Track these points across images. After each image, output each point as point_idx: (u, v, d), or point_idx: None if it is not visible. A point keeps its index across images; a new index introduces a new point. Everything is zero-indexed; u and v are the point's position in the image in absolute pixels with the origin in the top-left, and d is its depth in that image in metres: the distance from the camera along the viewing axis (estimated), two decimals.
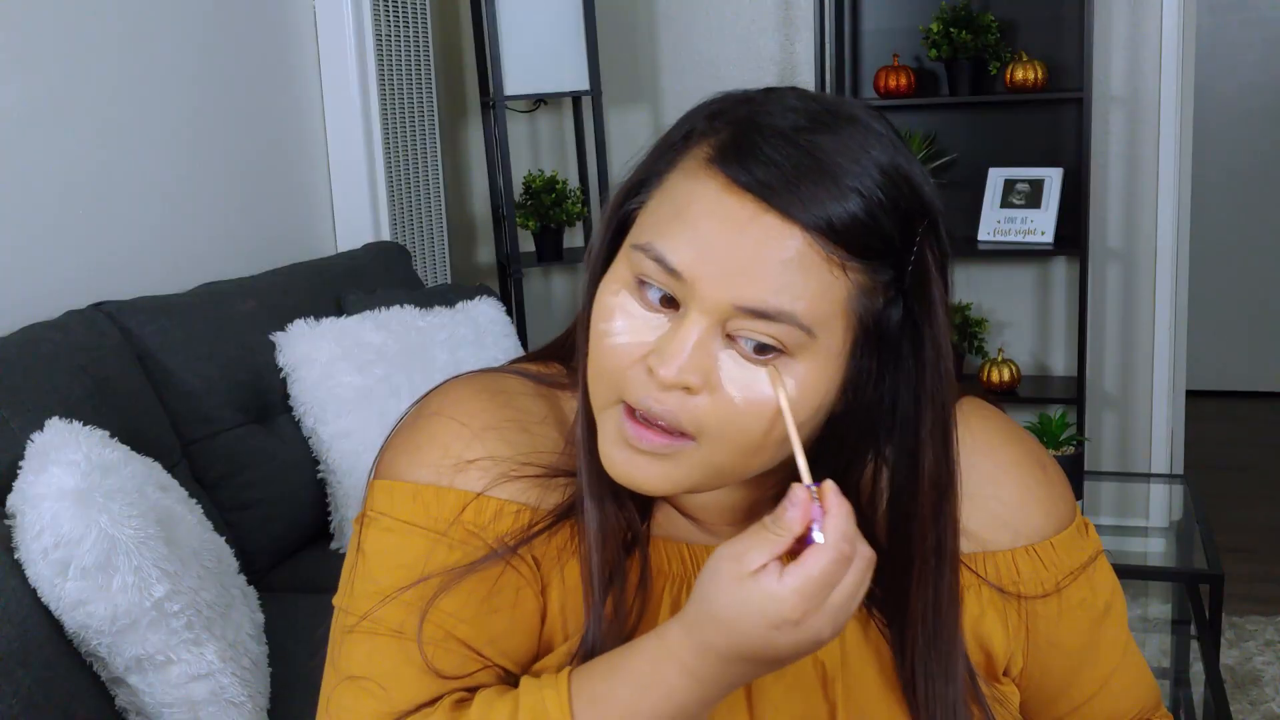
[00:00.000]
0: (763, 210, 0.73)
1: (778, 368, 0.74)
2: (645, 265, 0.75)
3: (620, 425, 0.77)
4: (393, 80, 3.11)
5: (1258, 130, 4.73)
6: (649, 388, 0.74)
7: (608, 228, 0.81)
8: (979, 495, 0.88)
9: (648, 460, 0.76)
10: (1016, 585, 0.88)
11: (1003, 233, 3.29)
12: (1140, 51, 3.24)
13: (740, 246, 0.73)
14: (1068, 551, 0.90)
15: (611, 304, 0.77)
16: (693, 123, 0.79)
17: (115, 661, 1.49)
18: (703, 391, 0.74)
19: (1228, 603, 2.81)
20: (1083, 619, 0.91)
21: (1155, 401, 3.40)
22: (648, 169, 0.80)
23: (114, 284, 2.23)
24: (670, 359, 0.73)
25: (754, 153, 0.74)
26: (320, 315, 2.37)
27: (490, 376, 0.91)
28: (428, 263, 3.33)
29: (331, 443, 2.26)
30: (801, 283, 0.73)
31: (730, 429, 0.75)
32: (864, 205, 0.73)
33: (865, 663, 0.86)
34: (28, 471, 1.49)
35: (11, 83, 2.06)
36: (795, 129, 0.74)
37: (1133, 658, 0.96)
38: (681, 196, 0.75)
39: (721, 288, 0.73)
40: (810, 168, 0.73)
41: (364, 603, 0.83)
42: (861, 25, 3.42)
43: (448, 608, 0.82)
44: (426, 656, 0.81)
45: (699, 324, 0.73)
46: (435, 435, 0.86)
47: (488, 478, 0.84)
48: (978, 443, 0.90)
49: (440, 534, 0.83)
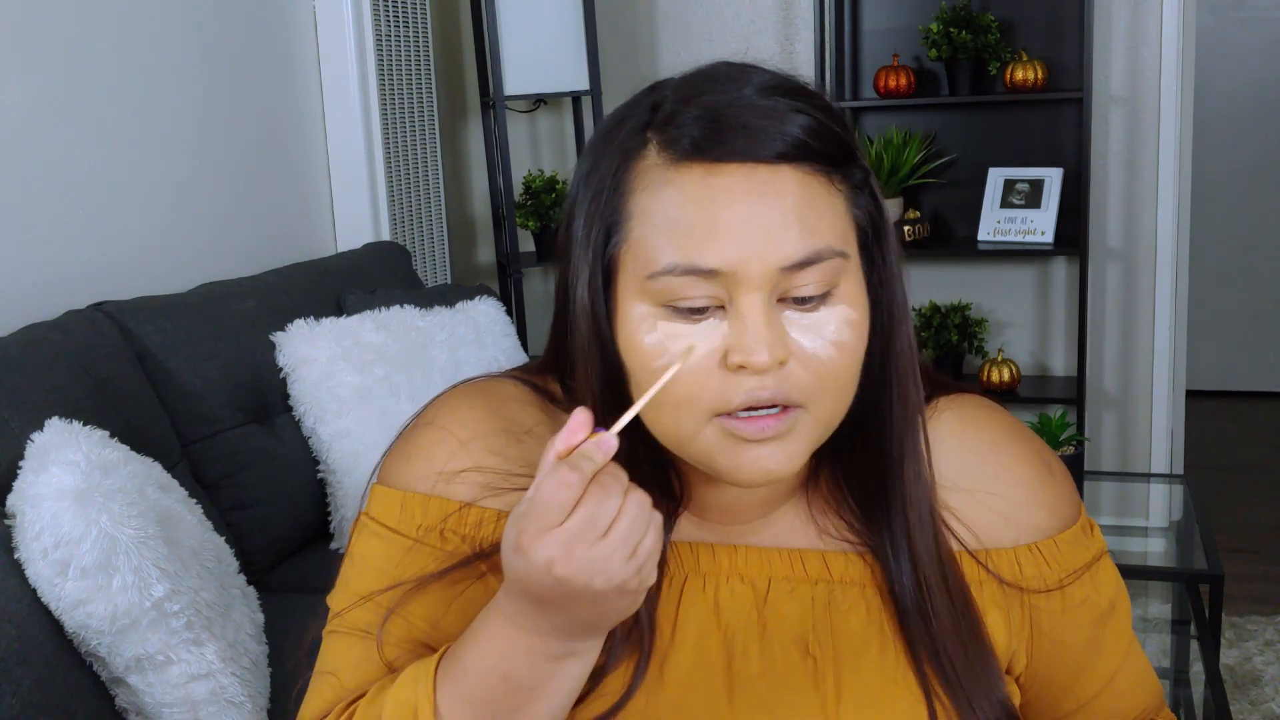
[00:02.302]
0: (748, 169, 0.74)
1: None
2: (675, 285, 0.74)
3: (729, 431, 0.75)
4: (393, 80, 3.11)
5: (1258, 130, 4.73)
6: (745, 384, 0.74)
7: (594, 271, 0.79)
8: (981, 493, 0.88)
9: (771, 449, 0.76)
10: (1019, 583, 0.88)
11: (1003, 233, 3.29)
12: (1140, 51, 3.24)
13: (754, 213, 0.74)
14: (1071, 550, 0.90)
15: (656, 340, 0.76)
16: (620, 147, 0.78)
17: (115, 661, 1.49)
18: (790, 360, 0.75)
19: (1228, 603, 2.81)
20: (1086, 617, 0.91)
21: (1155, 401, 3.40)
22: (607, 209, 0.78)
23: (114, 284, 2.23)
24: (755, 346, 0.73)
25: (697, 123, 0.75)
26: (320, 315, 2.37)
27: (488, 384, 0.91)
28: (428, 263, 3.33)
29: (331, 443, 2.26)
30: (817, 213, 0.75)
31: (827, 379, 0.76)
32: (814, 117, 0.76)
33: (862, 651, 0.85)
34: (28, 471, 1.49)
35: (12, 82, 2.06)
36: (712, 93, 0.76)
37: (1136, 658, 0.96)
38: (668, 209, 0.75)
39: (760, 261, 0.73)
40: (751, 108, 0.75)
41: (338, 601, 0.87)
42: (861, 25, 3.42)
43: (417, 611, 0.84)
44: (385, 656, 0.84)
45: (756, 303, 0.74)
46: (425, 445, 0.88)
47: (473, 488, 0.85)
48: (982, 441, 0.90)
49: (416, 540, 0.85)
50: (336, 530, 2.30)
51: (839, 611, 0.86)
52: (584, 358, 0.80)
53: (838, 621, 0.85)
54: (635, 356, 0.77)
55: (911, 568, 0.85)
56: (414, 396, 2.30)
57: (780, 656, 0.84)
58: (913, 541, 0.84)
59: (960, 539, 0.88)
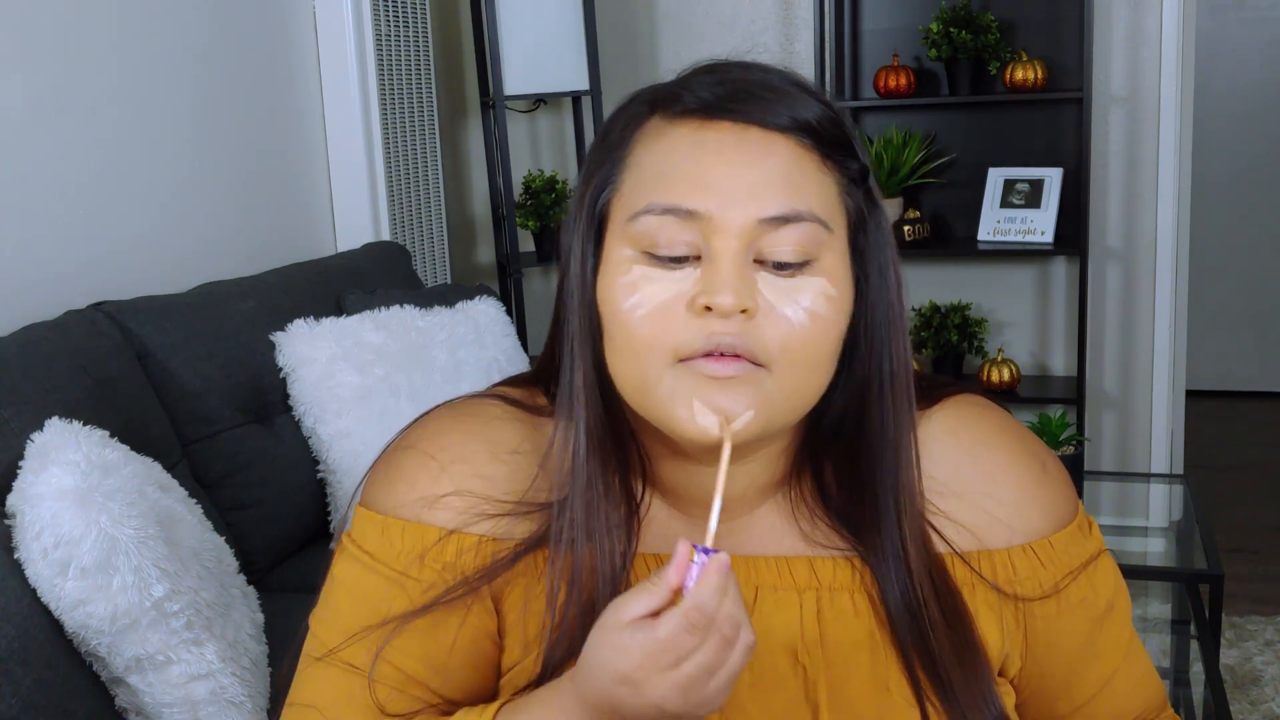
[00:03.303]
0: (742, 129, 0.76)
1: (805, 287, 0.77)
2: (654, 225, 0.75)
3: (690, 369, 0.75)
4: (393, 80, 3.11)
5: (1258, 130, 4.73)
6: (709, 326, 0.74)
7: (588, 228, 0.81)
8: (974, 494, 0.88)
9: (730, 393, 0.75)
10: (1013, 585, 0.87)
11: (1002, 233, 3.29)
12: (1140, 51, 3.24)
13: (740, 165, 0.75)
14: (1067, 550, 0.89)
15: (629, 281, 0.77)
16: (630, 111, 0.81)
17: (115, 661, 1.49)
18: (757, 314, 0.75)
19: (1228, 603, 2.81)
20: (1082, 619, 0.90)
21: (1155, 401, 3.39)
22: (605, 165, 0.81)
23: (114, 284, 2.23)
24: (721, 288, 0.74)
25: (710, 87, 0.77)
26: (320, 315, 2.37)
27: (470, 404, 0.90)
28: (428, 263, 3.33)
29: (331, 443, 2.26)
30: (804, 181, 0.77)
31: (794, 345, 0.76)
32: (823, 105, 0.78)
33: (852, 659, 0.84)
34: (28, 471, 1.49)
35: (12, 82, 2.06)
36: (729, 67, 0.79)
37: (1137, 658, 0.94)
38: (661, 156, 0.77)
39: (739, 208, 0.75)
40: (765, 85, 0.77)
41: (323, 629, 0.86)
42: (861, 25, 3.42)
43: (401, 644, 0.83)
44: (375, 695, 0.82)
45: (730, 249, 0.75)
46: (406, 469, 0.87)
47: (456, 514, 0.84)
48: (975, 442, 0.89)
49: (401, 574, 0.84)
50: (336, 530, 2.29)
51: (828, 619, 0.85)
52: (571, 322, 0.81)
53: (827, 629, 0.84)
54: (607, 296, 0.78)
55: (903, 574, 0.84)
56: (414, 396, 2.30)
57: (769, 666, 0.84)
58: (905, 548, 0.84)
59: (951, 542, 0.87)
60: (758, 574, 0.85)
